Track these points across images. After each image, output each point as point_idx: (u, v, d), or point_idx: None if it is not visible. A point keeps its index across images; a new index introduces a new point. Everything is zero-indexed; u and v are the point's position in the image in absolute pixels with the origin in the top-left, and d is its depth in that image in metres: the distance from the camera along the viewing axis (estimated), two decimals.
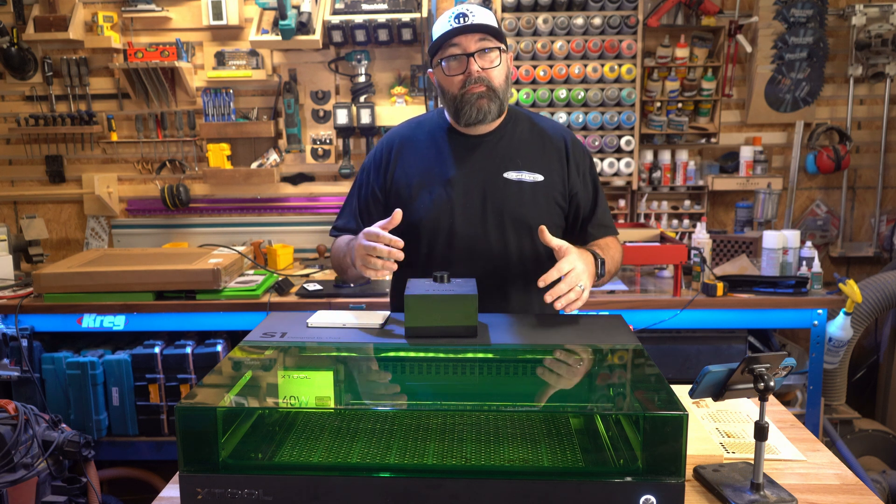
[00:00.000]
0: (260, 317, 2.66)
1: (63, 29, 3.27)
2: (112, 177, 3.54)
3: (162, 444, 2.72)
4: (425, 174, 1.68)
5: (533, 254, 1.70)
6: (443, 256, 1.67)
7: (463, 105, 1.61)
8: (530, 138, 1.71)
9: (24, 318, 2.69)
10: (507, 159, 1.68)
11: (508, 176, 1.67)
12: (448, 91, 1.63)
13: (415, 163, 1.70)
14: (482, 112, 1.61)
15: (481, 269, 1.66)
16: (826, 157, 3.33)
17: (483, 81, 1.60)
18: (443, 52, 1.61)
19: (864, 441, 3.01)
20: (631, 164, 3.28)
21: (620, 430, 1.16)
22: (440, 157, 1.69)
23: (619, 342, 1.39)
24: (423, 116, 1.80)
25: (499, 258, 1.68)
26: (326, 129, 3.42)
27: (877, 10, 3.28)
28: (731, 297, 2.66)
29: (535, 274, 1.71)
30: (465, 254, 1.67)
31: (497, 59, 1.61)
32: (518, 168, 1.67)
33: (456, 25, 1.57)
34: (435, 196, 1.66)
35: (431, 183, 1.67)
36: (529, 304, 1.73)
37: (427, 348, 1.37)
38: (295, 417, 1.25)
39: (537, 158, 1.69)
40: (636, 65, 3.21)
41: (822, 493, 1.23)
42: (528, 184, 1.67)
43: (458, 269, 1.62)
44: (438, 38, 1.59)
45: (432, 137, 1.72)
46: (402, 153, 1.72)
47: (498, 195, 1.66)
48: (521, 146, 1.70)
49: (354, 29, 3.17)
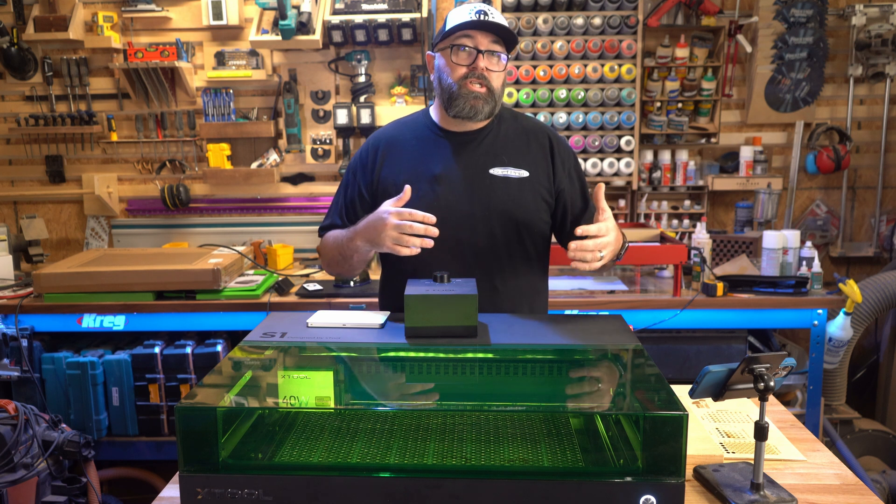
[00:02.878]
0: (260, 317, 2.66)
1: (63, 29, 3.27)
2: (112, 177, 3.54)
3: (162, 444, 2.72)
4: (412, 172, 1.70)
5: (520, 249, 1.72)
6: (430, 253, 1.67)
7: (458, 97, 1.63)
8: (515, 136, 1.73)
9: (24, 318, 2.69)
10: (493, 156, 1.70)
11: (494, 172, 1.69)
12: (447, 77, 1.64)
13: (401, 161, 1.72)
14: (475, 110, 1.63)
15: (470, 266, 1.67)
16: (826, 157, 3.33)
17: (484, 81, 1.62)
18: (454, 40, 1.63)
19: (864, 441, 3.01)
20: (631, 164, 3.28)
21: (620, 430, 1.16)
22: (426, 155, 1.71)
23: (619, 342, 1.39)
24: (409, 117, 1.82)
25: (487, 254, 1.69)
26: (326, 129, 3.42)
27: (877, 10, 3.28)
28: (731, 297, 2.66)
29: (524, 268, 1.74)
30: (453, 250, 1.67)
31: (502, 65, 1.64)
32: (504, 164, 1.69)
33: (475, 19, 1.59)
34: (422, 194, 1.67)
35: (418, 181, 1.68)
36: (519, 299, 1.74)
37: (427, 348, 1.37)
38: (295, 417, 1.25)
39: (522, 155, 1.71)
40: (636, 65, 3.21)
41: (822, 493, 1.23)
42: (514, 179, 1.69)
43: (446, 265, 1.62)
44: (454, 26, 1.60)
45: (418, 137, 1.74)
46: (388, 153, 1.74)
47: (485, 191, 1.68)
48: (506, 143, 1.72)
49: (354, 29, 3.17)
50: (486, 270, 1.69)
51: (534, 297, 1.79)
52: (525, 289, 1.76)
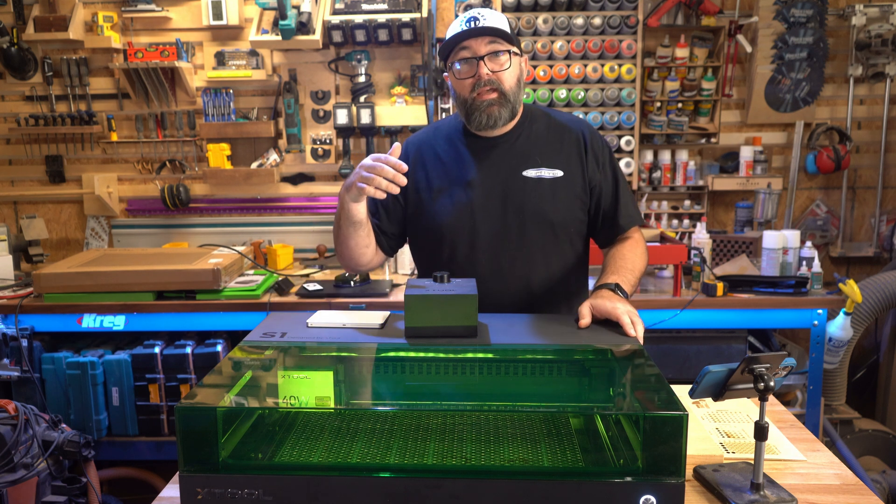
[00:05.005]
0: (260, 317, 2.66)
1: (63, 29, 3.27)
2: (112, 177, 3.54)
3: (162, 444, 2.72)
4: (445, 178, 1.69)
5: (556, 250, 1.70)
6: (466, 257, 1.67)
7: (473, 110, 1.62)
8: (547, 135, 1.71)
9: (24, 318, 2.69)
10: (526, 157, 1.68)
11: (527, 174, 1.67)
12: (460, 94, 1.64)
13: (434, 167, 1.71)
14: (492, 118, 1.62)
15: (505, 269, 1.66)
16: (826, 157, 3.33)
17: (493, 85, 1.60)
18: (454, 56, 1.62)
19: (864, 441, 3.01)
20: (631, 164, 3.28)
21: (620, 430, 1.16)
22: (459, 160, 1.70)
23: (619, 342, 1.39)
24: (442, 122, 1.81)
25: (522, 257, 1.67)
26: (326, 129, 3.42)
27: (877, 10, 3.28)
28: (731, 297, 2.66)
29: (559, 271, 1.71)
30: (489, 254, 1.67)
31: (507, 62, 1.61)
32: (537, 165, 1.67)
33: (466, 28, 1.58)
34: (455, 199, 1.67)
35: (451, 186, 1.68)
36: (556, 302, 1.72)
37: (427, 348, 1.37)
38: (295, 417, 1.25)
39: (556, 154, 1.69)
40: (636, 65, 3.21)
41: (822, 493, 1.23)
42: (548, 180, 1.67)
43: (482, 269, 1.63)
44: (450, 42, 1.60)
45: (450, 141, 1.73)
46: (420, 158, 1.73)
47: (518, 194, 1.66)
48: (538, 143, 1.70)
49: (354, 29, 3.17)
50: (523, 273, 1.68)
51: (573, 298, 1.75)
52: (563, 290, 1.73)
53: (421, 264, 1.81)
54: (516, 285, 1.67)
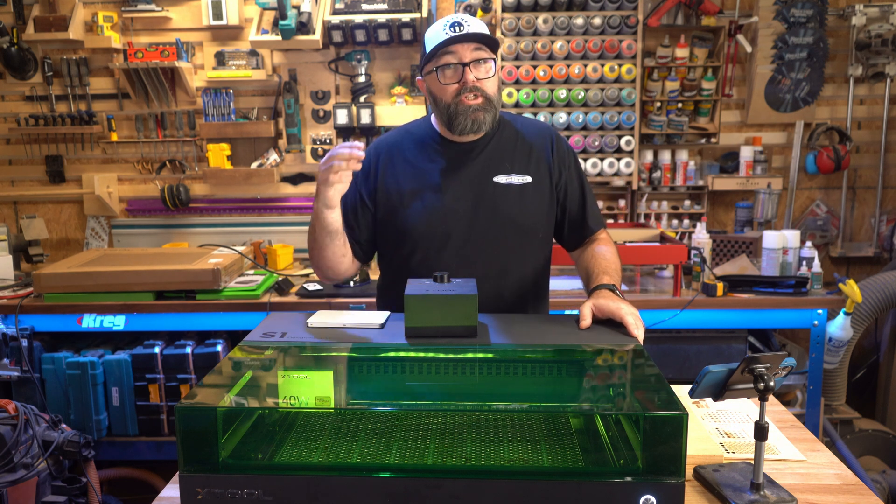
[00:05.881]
0: (260, 317, 2.66)
1: (63, 29, 3.27)
2: (112, 177, 3.54)
3: (162, 444, 2.72)
4: (415, 181, 1.69)
5: (525, 254, 1.72)
6: (436, 262, 1.67)
7: (457, 115, 1.61)
8: (516, 141, 1.73)
9: (24, 318, 2.69)
10: (497, 163, 1.69)
11: (498, 180, 1.68)
12: (441, 100, 1.62)
13: (404, 170, 1.71)
14: (477, 123, 1.62)
15: (475, 273, 1.65)
16: (826, 157, 3.33)
17: (478, 91, 1.60)
18: (437, 61, 1.61)
19: (864, 441, 3.01)
20: (631, 164, 3.28)
21: (620, 430, 1.16)
22: (430, 164, 1.70)
23: (619, 342, 1.39)
24: (411, 124, 1.81)
25: (492, 261, 1.69)
26: (326, 129, 3.42)
27: (877, 10, 3.28)
28: (731, 297, 2.66)
29: (529, 274, 1.74)
30: (459, 259, 1.67)
31: (491, 70, 1.62)
32: (507, 171, 1.69)
33: (452, 34, 1.57)
34: (427, 203, 1.67)
35: (422, 190, 1.68)
36: (524, 304, 1.75)
37: (427, 348, 1.37)
38: (295, 417, 1.25)
39: (525, 160, 1.71)
40: (636, 65, 3.21)
41: (822, 493, 1.23)
42: (518, 186, 1.69)
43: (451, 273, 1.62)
44: (434, 47, 1.59)
45: (421, 145, 1.73)
46: (390, 161, 1.73)
47: (489, 199, 1.67)
48: (508, 149, 1.71)
49: (354, 29, 3.17)
50: (493, 276, 1.68)
51: (538, 300, 1.80)
52: (530, 293, 1.76)
53: (389, 267, 1.80)
54: (486, 290, 1.65)
